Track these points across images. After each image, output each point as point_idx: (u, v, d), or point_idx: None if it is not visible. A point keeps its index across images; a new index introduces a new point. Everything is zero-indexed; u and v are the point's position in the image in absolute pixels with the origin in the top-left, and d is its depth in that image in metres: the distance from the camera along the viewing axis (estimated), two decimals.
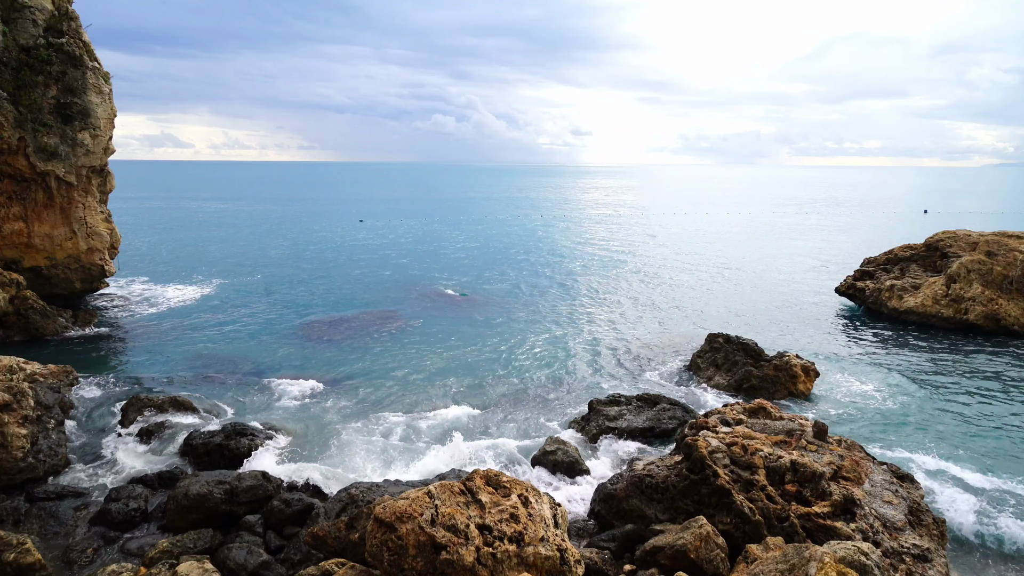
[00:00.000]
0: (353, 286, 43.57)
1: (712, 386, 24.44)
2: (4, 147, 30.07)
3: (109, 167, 36.80)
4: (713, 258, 57.49)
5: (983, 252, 32.58)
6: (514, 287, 43.73)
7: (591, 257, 57.73)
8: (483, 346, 29.92)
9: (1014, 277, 31.17)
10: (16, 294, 29.00)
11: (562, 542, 11.34)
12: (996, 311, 30.89)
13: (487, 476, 12.05)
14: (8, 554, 12.73)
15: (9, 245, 32.19)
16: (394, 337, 31.20)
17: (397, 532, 10.59)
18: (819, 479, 13.90)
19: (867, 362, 27.92)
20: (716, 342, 25.67)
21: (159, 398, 20.99)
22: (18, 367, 19.74)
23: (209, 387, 24.28)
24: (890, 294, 35.29)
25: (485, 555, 10.48)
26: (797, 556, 10.75)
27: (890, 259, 38.97)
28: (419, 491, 11.30)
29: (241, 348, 29.11)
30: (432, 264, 53.08)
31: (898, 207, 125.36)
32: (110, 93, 33.98)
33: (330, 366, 26.68)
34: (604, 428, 20.12)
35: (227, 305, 37.30)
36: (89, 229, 34.42)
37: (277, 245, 63.13)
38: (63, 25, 32.25)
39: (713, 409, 18.62)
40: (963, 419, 21.86)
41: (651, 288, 43.76)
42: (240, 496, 15.39)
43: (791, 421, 16.91)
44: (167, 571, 12.31)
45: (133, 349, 28.87)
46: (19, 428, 17.48)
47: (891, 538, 13.07)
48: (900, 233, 71.03)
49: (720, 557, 12.45)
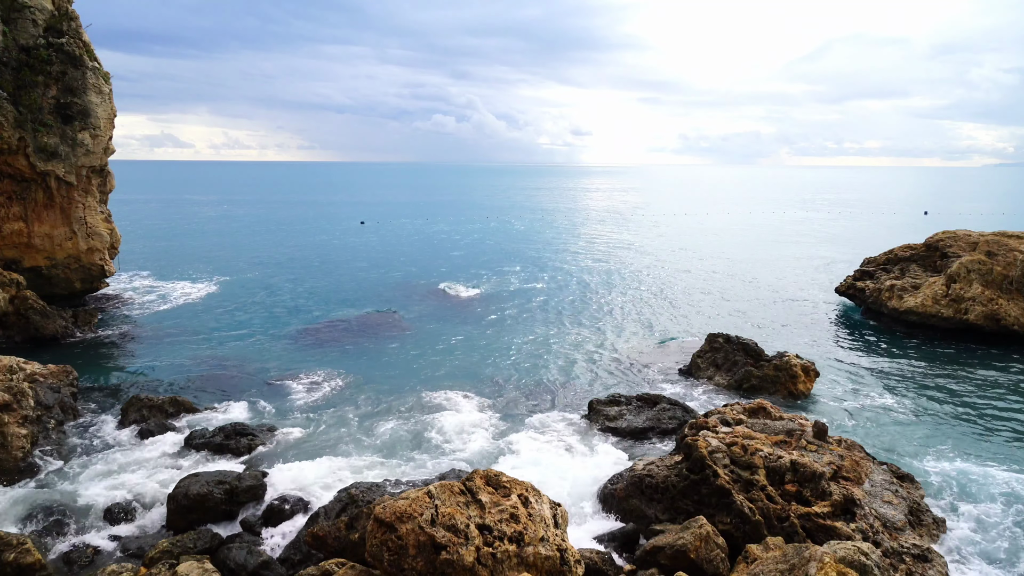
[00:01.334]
0: (353, 287, 43.58)
1: (712, 386, 24.45)
2: (4, 147, 30.08)
3: (109, 167, 36.82)
4: (713, 258, 57.50)
5: (983, 252, 32.57)
6: (514, 287, 43.74)
7: (591, 257, 57.74)
8: (483, 346, 29.92)
9: (1014, 277, 31.16)
10: (16, 294, 29.00)
11: (562, 542, 11.34)
12: (996, 311, 30.89)
13: (487, 476, 12.05)
14: (8, 554, 12.73)
15: (9, 245, 32.19)
16: (394, 337, 31.20)
17: (397, 532, 10.59)
18: (819, 479, 13.90)
19: (867, 362, 27.93)
20: (716, 342, 25.67)
21: (159, 398, 20.99)
22: (18, 367, 19.75)
23: (209, 387, 24.29)
24: (890, 294, 35.28)
25: (485, 555, 10.48)
26: (797, 556, 10.76)
27: (890, 259, 38.95)
28: (419, 491, 11.30)
29: (241, 348, 29.11)
30: (433, 264, 53.08)
31: (898, 207, 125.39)
32: (110, 93, 33.99)
33: (330, 366, 26.67)
34: (604, 428, 20.12)
35: (227, 305, 37.31)
36: (89, 229, 34.43)
37: (278, 245, 63.13)
38: (63, 25, 32.27)
39: (713, 409, 18.63)
40: (963, 419, 21.86)
41: (651, 288, 43.77)
42: (240, 496, 15.40)
43: (791, 421, 16.92)
44: (167, 571, 12.30)
45: (133, 349, 28.87)
46: (19, 428, 17.48)
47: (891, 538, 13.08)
48: (900, 233, 71.02)
49: (720, 557, 12.46)
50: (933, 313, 32.68)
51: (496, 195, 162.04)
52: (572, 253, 60.27)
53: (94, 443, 19.31)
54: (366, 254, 58.48)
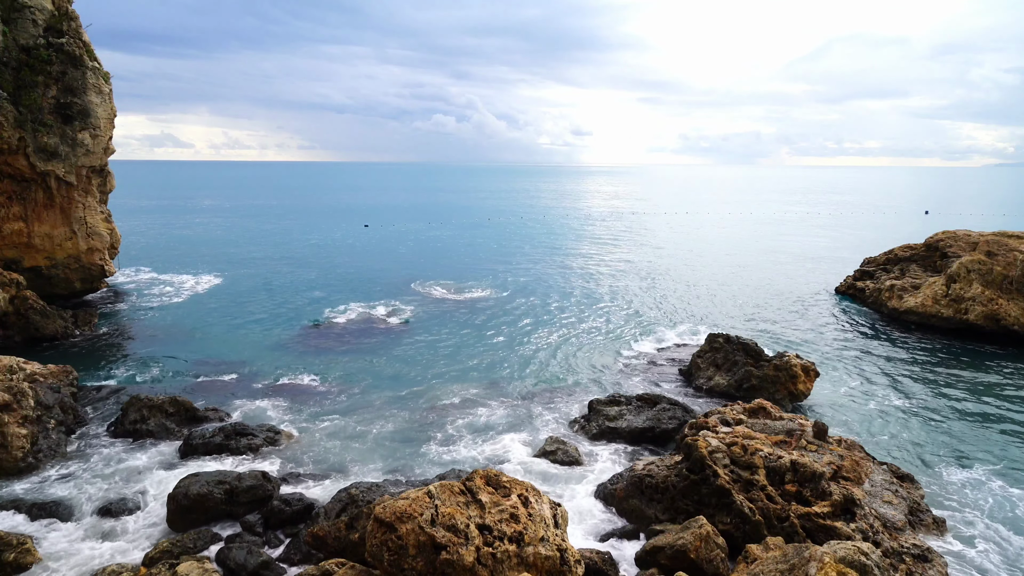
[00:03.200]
0: (354, 287, 43.57)
1: (712, 386, 24.43)
2: (4, 147, 30.09)
3: (109, 167, 36.83)
4: (713, 258, 57.50)
5: (983, 252, 32.57)
6: (514, 288, 43.73)
7: (591, 257, 57.75)
8: (483, 346, 29.93)
9: (1014, 277, 31.16)
10: (16, 294, 28.99)
11: (562, 542, 11.34)
12: (996, 311, 30.89)
13: (487, 476, 12.04)
14: (8, 554, 12.73)
15: (9, 245, 32.20)
16: (394, 338, 31.20)
17: (397, 532, 10.58)
18: (819, 479, 13.89)
19: (867, 362, 27.92)
20: (716, 342, 25.66)
21: (159, 398, 20.98)
22: (18, 367, 19.74)
23: (209, 387, 24.29)
24: (890, 294, 35.28)
25: (485, 555, 10.48)
26: (797, 556, 10.75)
27: (890, 259, 38.98)
28: (419, 491, 11.30)
29: (241, 349, 29.10)
30: (433, 265, 53.09)
31: (898, 207, 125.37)
32: (110, 93, 33.99)
33: (330, 366, 26.68)
34: (604, 428, 20.11)
35: (227, 305, 37.30)
36: (89, 229, 34.44)
37: (278, 246, 63.13)
38: (63, 25, 32.27)
39: (713, 409, 18.62)
40: (963, 418, 21.86)
41: (651, 288, 43.76)
42: (240, 496, 15.39)
43: (791, 421, 16.91)
44: (167, 571, 12.30)
45: (133, 349, 28.86)
46: (19, 428, 17.49)
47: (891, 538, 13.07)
48: (900, 233, 71.03)
49: (720, 557, 12.45)
50: (933, 313, 32.68)
51: (496, 195, 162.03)
52: (572, 253, 60.27)
53: (94, 443, 19.31)
54: (366, 254, 58.49)
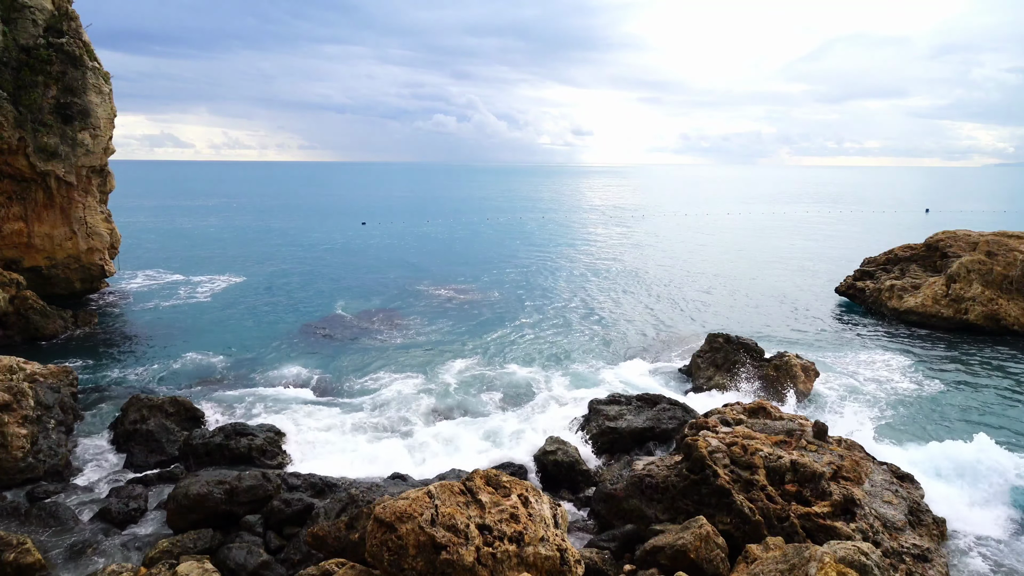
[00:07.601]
0: (354, 287, 43.58)
1: (712, 386, 24.42)
2: (4, 147, 30.08)
3: (109, 167, 36.82)
4: (713, 258, 57.49)
5: (983, 252, 32.55)
6: (514, 287, 43.73)
7: (591, 257, 57.73)
8: (483, 346, 29.93)
9: (1014, 277, 31.15)
10: (16, 294, 28.99)
11: (562, 542, 11.34)
12: (996, 311, 30.88)
13: (487, 476, 12.04)
14: (8, 554, 12.73)
15: (9, 245, 32.19)
16: (394, 337, 31.21)
17: (397, 532, 10.58)
18: (819, 479, 13.89)
19: (867, 362, 27.91)
20: (716, 342, 25.65)
21: (159, 398, 20.97)
22: (18, 367, 19.73)
23: (209, 387, 24.29)
24: (890, 294, 35.27)
25: (485, 555, 10.48)
26: (797, 556, 10.75)
27: (890, 259, 38.96)
28: (419, 491, 11.29)
29: (241, 348, 29.10)
30: (433, 265, 53.08)
31: (898, 207, 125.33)
32: (110, 93, 34.00)
33: (330, 366, 26.68)
34: (604, 428, 20.10)
35: (227, 305, 37.30)
36: (89, 229, 34.44)
37: (278, 246, 63.13)
38: (63, 25, 32.27)
39: (713, 409, 18.62)
40: (963, 418, 21.85)
41: (651, 288, 43.76)
42: (240, 496, 15.37)
43: (791, 421, 16.91)
44: (167, 571, 12.30)
45: (133, 349, 28.86)
46: (19, 428, 17.48)
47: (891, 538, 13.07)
48: (900, 233, 70.99)
49: (720, 557, 12.45)
50: (933, 313, 32.68)
51: (497, 195, 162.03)
52: (573, 253, 60.26)
53: (94, 443, 19.31)
54: (366, 254, 58.49)
